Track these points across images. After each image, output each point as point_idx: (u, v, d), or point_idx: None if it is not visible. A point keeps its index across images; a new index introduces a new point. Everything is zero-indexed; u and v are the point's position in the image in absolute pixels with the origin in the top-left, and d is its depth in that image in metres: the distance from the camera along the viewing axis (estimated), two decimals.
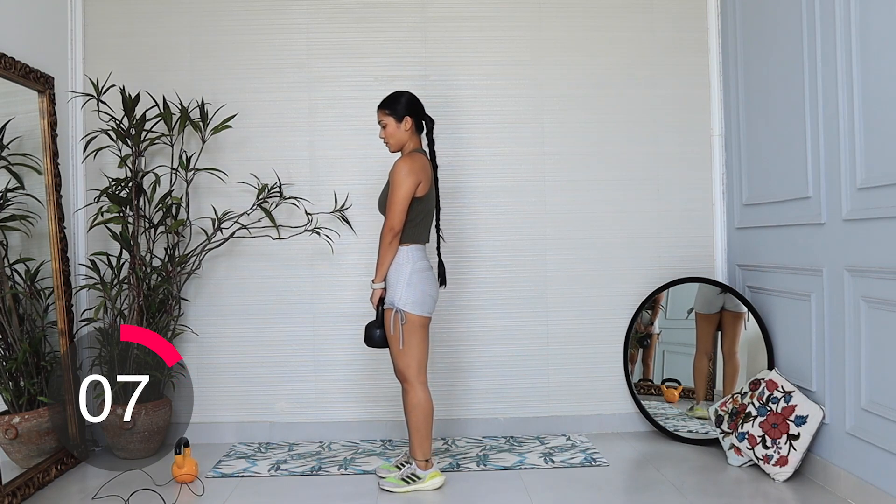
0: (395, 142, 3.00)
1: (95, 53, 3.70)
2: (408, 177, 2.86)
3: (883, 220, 2.51)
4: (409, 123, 2.97)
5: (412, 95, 3.01)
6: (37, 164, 3.26)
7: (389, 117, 2.97)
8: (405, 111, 2.96)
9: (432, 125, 3.07)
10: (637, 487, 2.98)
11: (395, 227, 2.87)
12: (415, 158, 2.91)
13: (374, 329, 2.97)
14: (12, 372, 3.07)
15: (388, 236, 2.88)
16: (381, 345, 2.98)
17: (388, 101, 2.99)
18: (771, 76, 3.26)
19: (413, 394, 2.92)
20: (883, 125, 2.52)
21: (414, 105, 2.99)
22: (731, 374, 3.46)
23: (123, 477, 3.13)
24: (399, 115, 2.96)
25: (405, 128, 2.97)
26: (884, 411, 2.54)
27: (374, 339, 2.97)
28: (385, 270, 2.93)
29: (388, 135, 2.99)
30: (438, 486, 2.95)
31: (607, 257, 3.77)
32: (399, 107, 2.96)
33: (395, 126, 2.97)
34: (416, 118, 2.99)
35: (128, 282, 3.43)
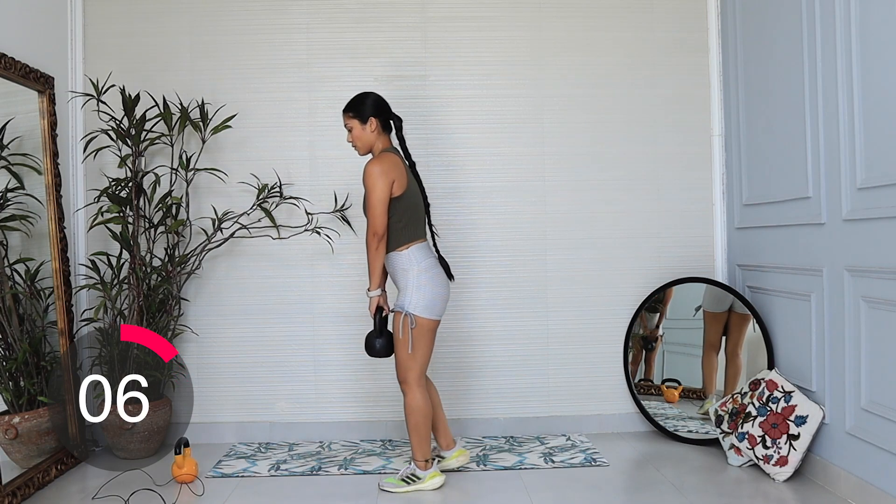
0: (362, 144, 2.97)
1: (95, 53, 3.70)
2: (380, 178, 2.82)
3: (883, 220, 2.51)
4: (374, 125, 2.93)
5: (377, 96, 2.98)
6: (37, 164, 3.26)
7: (354, 120, 2.94)
8: (370, 112, 2.93)
9: (400, 123, 3.03)
10: (637, 487, 2.98)
11: (378, 231, 2.84)
12: (384, 158, 2.88)
13: (375, 339, 2.94)
14: (12, 372, 3.07)
15: (372, 241, 2.86)
16: (384, 354, 2.94)
17: (351, 103, 2.96)
18: (771, 76, 3.26)
19: (411, 396, 2.92)
20: (883, 125, 2.52)
21: (379, 105, 2.96)
22: (733, 375, 3.46)
23: (123, 477, 3.13)
24: (364, 116, 2.93)
25: (371, 129, 2.93)
26: (884, 411, 2.54)
27: (375, 349, 2.94)
28: (377, 277, 2.92)
29: (355, 137, 2.96)
30: (438, 486, 2.95)
31: (607, 257, 3.77)
32: (363, 108, 2.93)
33: (361, 128, 2.94)
34: (381, 118, 2.96)
35: (128, 282, 3.43)
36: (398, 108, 3.71)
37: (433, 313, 2.89)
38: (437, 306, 2.90)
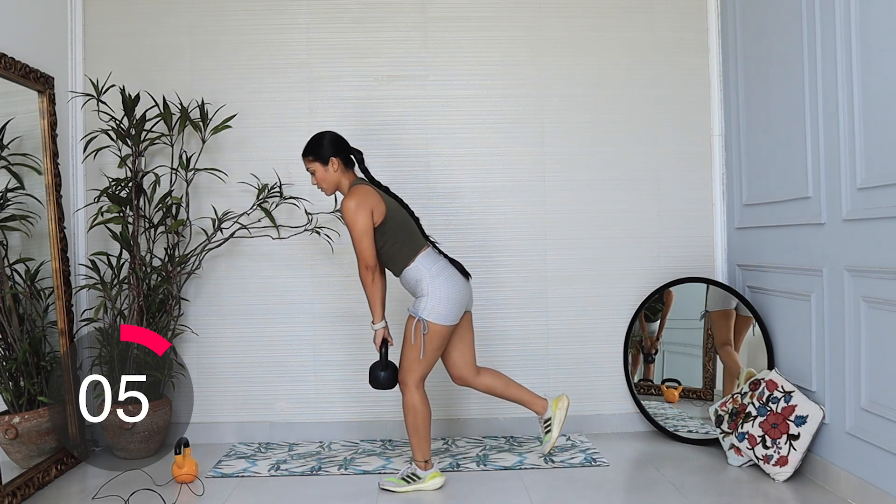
0: (329, 185, 2.97)
1: (95, 53, 3.70)
2: (357, 212, 2.83)
3: (883, 220, 2.51)
4: (335, 164, 2.93)
5: (333, 134, 2.98)
6: (37, 164, 3.26)
7: (315, 163, 2.94)
8: (329, 153, 2.93)
9: (361, 156, 3.03)
10: (637, 487, 2.98)
11: (369, 264, 2.86)
12: (356, 191, 2.88)
13: (379, 371, 2.95)
14: (12, 372, 3.07)
15: (366, 275, 2.88)
16: (388, 386, 2.96)
17: (309, 147, 2.96)
18: (771, 76, 3.26)
19: (409, 397, 2.93)
20: (883, 125, 2.52)
21: (337, 144, 2.95)
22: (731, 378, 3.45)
23: (123, 477, 3.13)
24: (324, 158, 2.93)
25: (333, 169, 2.94)
26: (884, 411, 2.54)
27: (379, 380, 2.95)
28: (379, 309, 2.94)
29: (319, 180, 2.96)
30: (438, 486, 2.95)
31: (607, 257, 3.77)
32: (322, 150, 2.93)
33: (323, 170, 2.94)
34: (342, 156, 2.95)
35: (128, 282, 3.43)
36: (398, 108, 3.74)
37: (448, 319, 2.88)
38: (452, 312, 2.89)
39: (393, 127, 3.75)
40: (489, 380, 3.14)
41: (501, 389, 3.16)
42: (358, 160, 3.02)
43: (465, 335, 3.09)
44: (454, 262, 3.01)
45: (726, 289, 3.51)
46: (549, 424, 3.17)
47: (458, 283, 2.92)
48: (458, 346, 3.09)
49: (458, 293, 2.90)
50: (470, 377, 3.12)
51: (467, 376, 3.12)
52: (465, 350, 3.10)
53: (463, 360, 3.10)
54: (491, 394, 3.18)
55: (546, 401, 3.19)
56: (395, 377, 2.97)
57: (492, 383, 3.15)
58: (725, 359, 3.50)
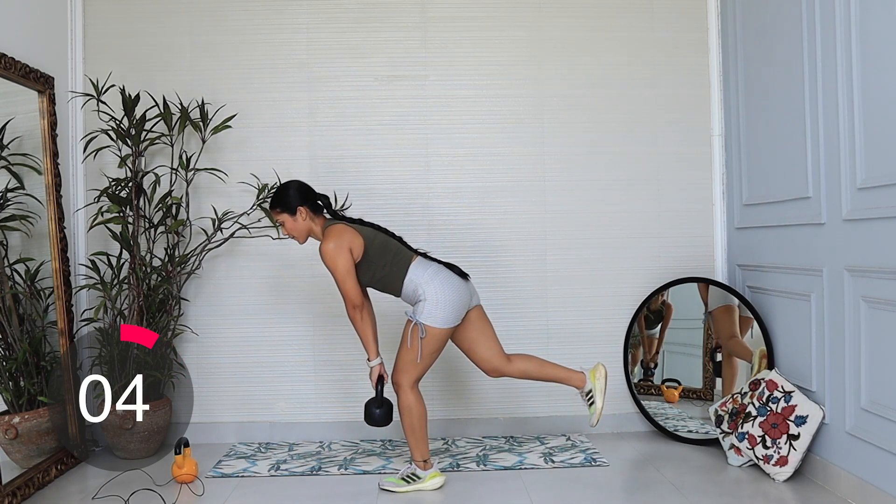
0: (300, 234, 2.96)
1: (95, 53, 3.70)
2: (336, 254, 2.81)
3: (883, 220, 2.51)
4: (304, 213, 2.92)
5: (297, 183, 2.96)
6: (37, 164, 3.26)
7: (283, 214, 2.93)
8: (296, 202, 2.91)
9: (328, 201, 3.01)
10: (637, 487, 2.98)
11: (356, 303, 2.86)
12: (330, 233, 2.86)
13: (374, 408, 2.93)
14: (12, 372, 3.07)
15: (354, 314, 2.88)
16: (383, 424, 2.94)
17: (275, 200, 2.94)
18: (771, 76, 3.26)
19: (404, 398, 2.92)
20: (883, 125, 2.52)
21: (302, 192, 2.93)
22: (730, 378, 3.46)
23: (123, 477, 3.13)
24: (292, 208, 2.91)
25: (302, 218, 2.93)
26: (884, 411, 2.54)
27: (374, 417, 2.93)
28: (372, 345, 2.93)
29: (290, 230, 2.95)
30: (438, 486, 2.95)
31: (607, 257, 3.77)
32: (289, 200, 2.91)
33: (292, 220, 2.93)
34: (309, 204, 2.94)
35: (128, 282, 3.43)
36: (398, 108, 3.74)
37: (447, 322, 2.87)
38: (451, 315, 2.87)
39: (393, 127, 3.75)
40: (523, 364, 3.07)
41: (537, 371, 3.08)
42: (325, 205, 3.00)
43: (483, 329, 3.05)
44: (449, 265, 3.00)
45: (726, 289, 3.50)
46: (592, 396, 3.06)
47: (453, 284, 2.91)
48: (481, 341, 3.04)
49: (455, 294, 2.89)
50: (503, 366, 3.05)
51: (500, 366, 3.05)
52: (488, 343, 3.05)
53: (491, 353, 3.04)
54: (527, 378, 3.09)
55: (583, 374, 3.08)
56: (390, 414, 2.95)
57: (526, 367, 3.07)
58: (734, 348, 3.44)
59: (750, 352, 3.37)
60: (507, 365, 3.04)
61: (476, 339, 3.04)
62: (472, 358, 3.08)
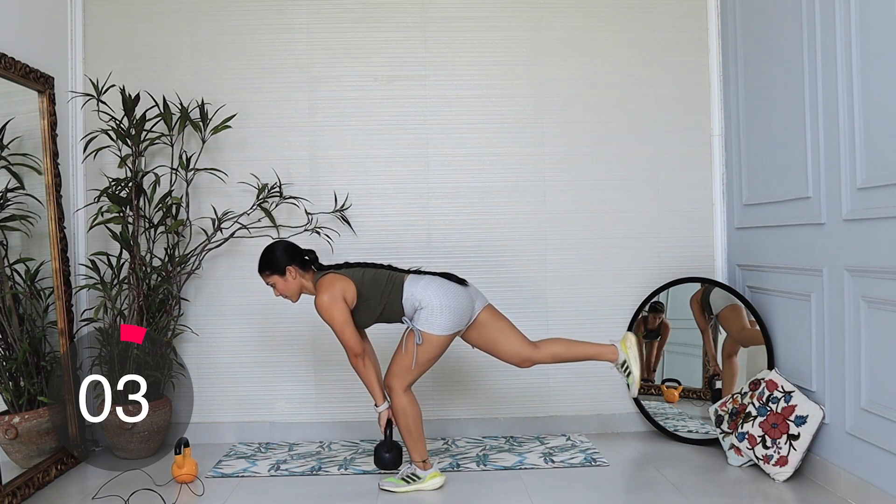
0: (293, 293, 2.96)
1: (95, 53, 3.70)
2: (332, 305, 2.81)
3: (883, 220, 2.51)
4: (293, 272, 2.92)
5: (283, 244, 2.95)
6: (37, 164, 3.26)
7: (273, 276, 2.93)
8: (284, 262, 2.91)
9: (314, 255, 3.00)
10: (637, 487, 2.98)
11: (356, 352, 2.88)
12: (322, 285, 2.86)
13: (384, 452, 2.95)
14: (12, 372, 3.07)
15: (357, 363, 2.91)
16: (392, 467, 2.97)
17: (263, 262, 2.94)
18: (771, 76, 3.27)
19: (397, 401, 2.92)
20: (883, 125, 2.52)
21: (289, 252, 2.93)
22: (730, 377, 3.45)
23: (123, 477, 3.13)
24: (281, 269, 2.91)
25: (292, 277, 2.92)
26: (884, 411, 2.54)
27: (384, 462, 2.96)
28: (378, 391, 2.95)
29: (282, 291, 2.95)
30: (438, 486, 2.96)
31: (607, 257, 3.77)
32: (277, 262, 2.91)
33: (283, 281, 2.93)
34: (296, 262, 2.93)
35: (128, 282, 3.43)
36: (398, 108, 3.74)
37: (446, 329, 2.86)
38: (451, 322, 2.86)
39: (393, 127, 3.75)
40: (552, 348, 3.03)
41: (566, 352, 3.04)
42: (312, 260, 3.00)
43: (500, 327, 3.02)
44: (443, 273, 2.99)
45: (726, 289, 3.50)
46: (627, 366, 3.01)
47: (449, 290, 2.89)
48: (500, 339, 3.01)
49: (453, 301, 2.86)
50: (532, 354, 3.01)
51: (530, 355, 3.01)
52: (510, 338, 3.01)
53: (516, 346, 3.01)
54: (559, 361, 3.05)
55: (614, 346, 3.04)
56: (399, 458, 2.97)
57: (555, 350, 3.03)
58: (747, 338, 3.40)
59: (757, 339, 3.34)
60: (535, 352, 3.01)
61: (496, 339, 3.02)
62: (498, 356, 3.05)
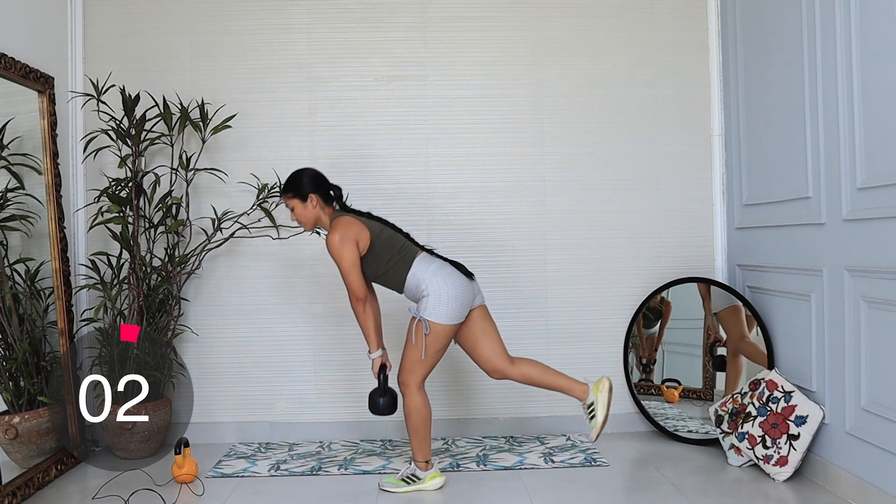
0: (308, 221, 2.97)
1: (95, 53, 3.70)
2: (343, 245, 2.83)
3: (883, 220, 2.51)
4: (314, 200, 2.93)
5: (312, 171, 2.97)
6: (37, 164, 3.26)
7: (294, 199, 2.94)
8: (308, 189, 2.92)
9: (340, 192, 3.02)
10: (637, 487, 2.98)
11: (359, 296, 2.88)
12: (337, 224, 2.87)
13: (378, 397, 2.96)
14: (12, 372, 3.07)
15: (357, 307, 2.90)
16: (387, 412, 2.96)
17: (288, 184, 2.96)
18: (771, 76, 3.27)
19: (410, 398, 2.92)
20: (883, 125, 2.52)
21: (316, 180, 2.95)
22: (734, 376, 3.45)
23: (123, 477, 3.13)
24: (303, 194, 2.93)
25: (312, 205, 2.94)
26: (884, 411, 2.54)
27: (378, 407, 2.96)
28: (374, 338, 2.95)
29: (298, 216, 2.97)
30: (438, 486, 2.95)
31: (607, 257, 3.77)
32: (301, 187, 2.93)
33: (302, 206, 2.94)
34: (321, 192, 2.95)
35: (128, 282, 3.43)
36: (398, 108, 3.74)
37: (451, 318, 2.86)
38: (454, 311, 2.86)
39: (393, 127, 3.75)
40: (526, 368, 3.02)
41: (539, 377, 3.02)
42: (336, 196, 3.01)
43: (487, 329, 3.02)
44: (454, 262, 2.99)
45: (726, 289, 3.50)
46: (593, 409, 2.97)
47: (457, 280, 2.90)
48: (483, 342, 3.02)
49: (459, 291, 2.87)
50: (505, 368, 3.01)
51: (502, 367, 3.01)
52: (492, 343, 3.02)
53: (494, 353, 3.01)
54: (529, 383, 3.04)
55: (587, 385, 3.00)
56: (394, 403, 2.97)
57: (529, 371, 3.02)
58: (746, 349, 3.41)
59: (762, 352, 3.32)
60: (509, 367, 3.01)
61: (479, 339, 3.02)
62: (474, 358, 3.06)
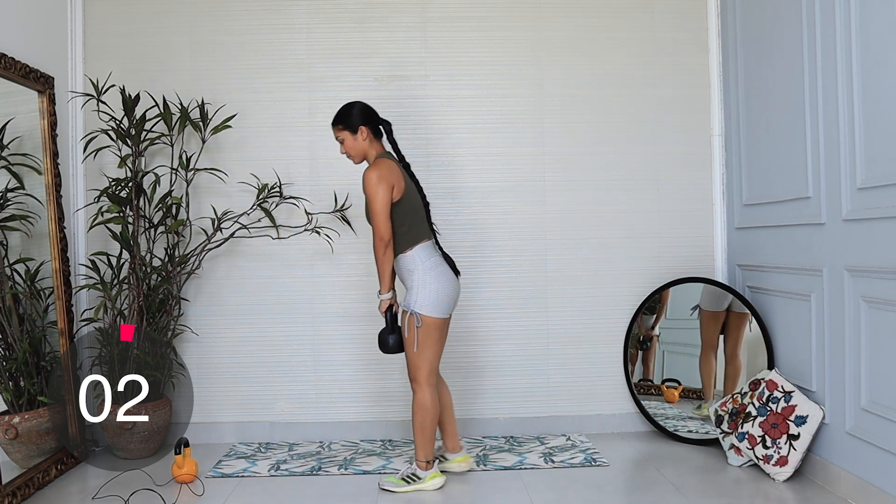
0: (356, 153, 2.99)
1: (95, 53, 3.70)
2: (378, 184, 2.84)
3: (883, 220, 2.51)
4: (364, 133, 2.96)
5: (362, 104, 3.00)
6: (37, 164, 3.26)
7: (344, 131, 2.97)
8: (358, 121, 2.95)
9: (390, 128, 3.05)
10: (637, 487, 2.98)
11: (383, 237, 2.87)
12: (380, 164, 2.90)
13: (388, 335, 2.97)
14: (12, 372, 3.07)
15: (379, 247, 2.88)
16: (397, 350, 2.98)
17: (339, 115, 2.98)
18: (771, 76, 3.26)
19: (420, 395, 2.92)
20: (883, 125, 2.52)
21: (366, 113, 2.98)
22: (733, 376, 3.46)
23: (123, 477, 3.13)
24: (353, 126, 2.95)
25: (362, 138, 2.96)
26: (884, 411, 2.54)
27: (388, 345, 2.98)
28: (388, 279, 2.93)
29: (347, 148, 2.99)
30: (439, 486, 2.95)
31: (607, 257, 3.77)
32: (351, 119, 2.95)
33: (352, 139, 2.96)
34: (371, 126, 2.98)
35: (128, 282, 3.43)
36: (398, 108, 3.74)
37: (440, 311, 2.89)
38: (443, 304, 2.90)
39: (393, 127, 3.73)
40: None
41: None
42: (387, 131, 3.05)
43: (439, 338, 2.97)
44: (448, 258, 3.03)
45: (726, 289, 3.51)
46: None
47: (449, 279, 2.94)
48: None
49: (448, 288, 2.91)
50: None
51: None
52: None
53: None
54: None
55: (461, 449, 3.12)
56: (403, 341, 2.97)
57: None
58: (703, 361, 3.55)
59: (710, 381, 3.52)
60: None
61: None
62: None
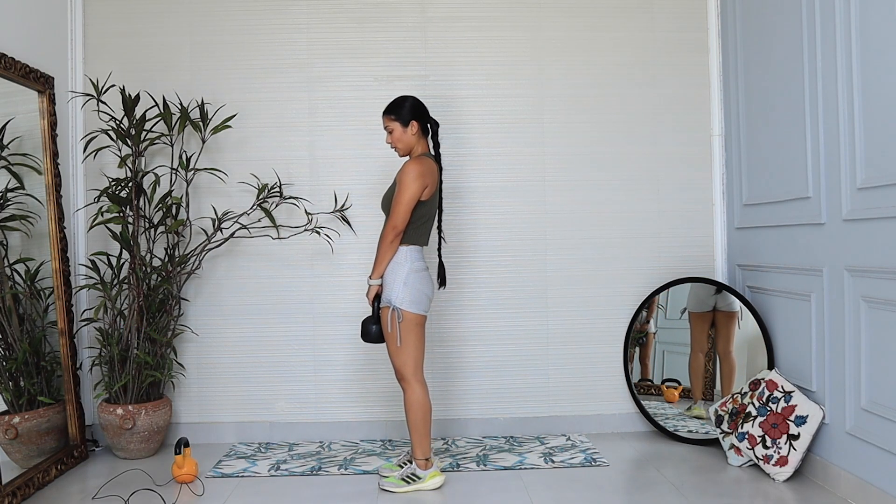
0: (403, 146, 3.03)
1: (95, 53, 3.70)
2: (416, 180, 2.88)
3: (883, 220, 2.51)
4: (415, 127, 3.00)
5: (416, 99, 3.04)
6: (37, 164, 3.26)
7: (395, 122, 3.00)
8: (410, 115, 2.99)
9: (437, 128, 3.09)
10: (637, 487, 2.98)
11: (398, 227, 2.89)
12: (424, 162, 2.93)
13: (371, 325, 2.99)
14: (12, 372, 3.07)
15: (390, 235, 2.90)
16: (378, 340, 3.00)
17: (392, 106, 3.02)
18: (771, 76, 3.27)
19: (410, 392, 2.93)
20: (883, 125, 2.52)
21: (418, 109, 3.02)
22: (728, 374, 3.47)
23: (123, 477, 3.13)
24: (405, 119, 2.99)
25: (412, 132, 3.00)
26: (884, 411, 2.55)
27: (370, 334, 2.99)
28: (383, 268, 2.94)
29: (396, 139, 3.02)
30: (438, 485, 2.96)
31: (607, 257, 3.77)
32: (404, 111, 2.99)
33: (402, 131, 3.00)
34: (421, 122, 3.02)
35: (128, 282, 3.43)
36: None
37: (419, 308, 2.92)
38: (422, 302, 2.94)
39: None
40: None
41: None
42: (433, 131, 3.09)
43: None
44: (441, 267, 3.13)
45: (727, 289, 3.51)
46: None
47: (429, 283, 2.99)
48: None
49: (427, 289, 2.96)
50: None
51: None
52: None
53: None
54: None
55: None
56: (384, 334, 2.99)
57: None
58: (692, 363, 3.55)
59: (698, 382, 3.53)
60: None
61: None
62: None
